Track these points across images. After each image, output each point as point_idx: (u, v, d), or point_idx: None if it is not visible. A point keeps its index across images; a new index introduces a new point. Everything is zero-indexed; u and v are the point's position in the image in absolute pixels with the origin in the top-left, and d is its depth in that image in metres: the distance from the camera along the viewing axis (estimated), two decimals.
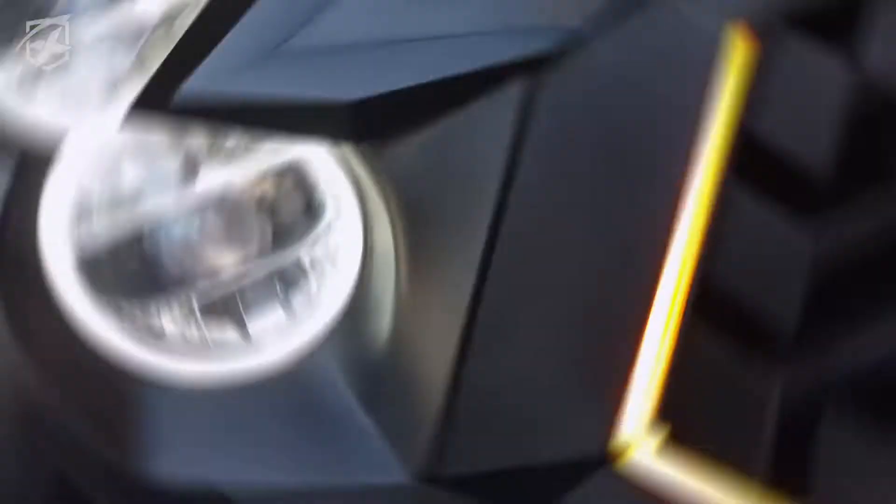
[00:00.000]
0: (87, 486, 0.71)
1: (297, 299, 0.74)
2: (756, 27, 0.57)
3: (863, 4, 0.61)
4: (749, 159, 0.60)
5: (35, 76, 0.75)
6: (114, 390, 0.70)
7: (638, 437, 0.61)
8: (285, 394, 0.73)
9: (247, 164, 0.70)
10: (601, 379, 0.63)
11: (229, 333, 0.74)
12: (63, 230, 0.69)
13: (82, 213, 0.70)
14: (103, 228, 0.71)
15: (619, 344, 0.61)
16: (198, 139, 0.70)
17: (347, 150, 0.66)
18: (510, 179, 0.61)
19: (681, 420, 0.62)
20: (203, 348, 0.73)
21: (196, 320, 0.74)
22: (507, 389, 0.65)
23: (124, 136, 0.69)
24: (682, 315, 0.59)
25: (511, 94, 0.59)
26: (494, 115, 0.61)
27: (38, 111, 0.73)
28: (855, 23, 0.62)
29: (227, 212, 0.72)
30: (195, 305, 0.74)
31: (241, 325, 0.75)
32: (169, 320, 0.73)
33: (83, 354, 0.69)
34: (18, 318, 0.68)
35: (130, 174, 0.71)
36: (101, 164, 0.70)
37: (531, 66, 0.58)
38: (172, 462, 0.68)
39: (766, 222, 0.61)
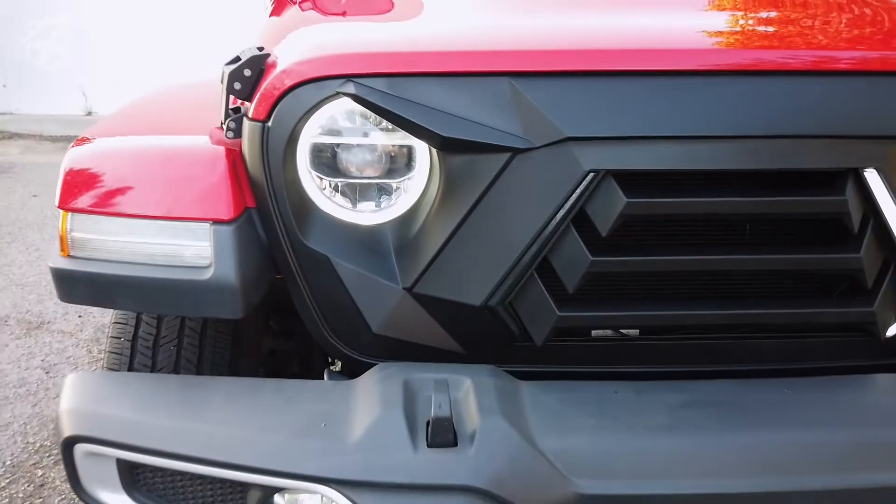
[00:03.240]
0: (278, 248, 1.60)
1: (384, 200, 1.61)
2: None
3: None
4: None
5: None
6: (305, 205, 1.59)
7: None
8: (364, 235, 1.60)
9: (392, 136, 1.57)
10: (492, 276, 1.52)
11: (347, 205, 1.61)
12: (309, 135, 1.56)
13: (316, 129, 1.57)
14: (323, 139, 1.57)
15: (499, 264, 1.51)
16: (373, 118, 1.58)
17: (435, 149, 1.53)
18: (488, 189, 1.48)
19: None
20: (337, 205, 1.61)
21: (338, 192, 1.62)
22: (458, 265, 1.53)
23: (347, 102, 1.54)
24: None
25: (501, 158, 1.45)
26: (492, 162, 1.46)
27: None
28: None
29: (373, 152, 1.58)
30: (339, 185, 1.62)
31: (354, 202, 1.61)
32: (327, 189, 1.61)
33: (302, 193, 1.58)
34: (289, 170, 1.56)
35: (341, 120, 1.58)
36: (331, 114, 1.56)
37: (512, 150, 1.45)
38: (317, 240, 1.57)
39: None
